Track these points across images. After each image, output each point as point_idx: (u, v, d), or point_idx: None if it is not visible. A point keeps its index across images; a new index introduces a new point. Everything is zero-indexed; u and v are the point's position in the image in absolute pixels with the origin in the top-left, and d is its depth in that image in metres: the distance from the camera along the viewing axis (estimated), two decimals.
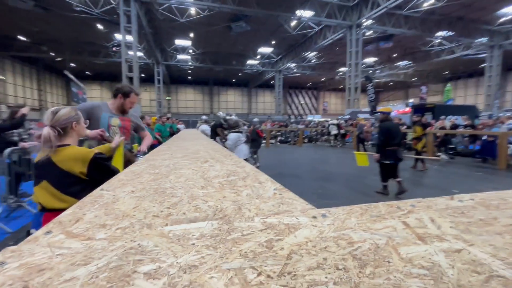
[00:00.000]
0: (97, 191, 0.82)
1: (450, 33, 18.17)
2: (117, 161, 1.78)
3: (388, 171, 4.45)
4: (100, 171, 1.43)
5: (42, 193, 1.37)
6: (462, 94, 31.73)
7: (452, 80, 32.66)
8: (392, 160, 4.36)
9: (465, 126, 9.26)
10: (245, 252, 0.43)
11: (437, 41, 20.38)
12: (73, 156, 1.38)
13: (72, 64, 26.63)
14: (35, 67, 26.14)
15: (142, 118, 6.07)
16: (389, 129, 4.42)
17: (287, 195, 0.77)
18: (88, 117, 2.10)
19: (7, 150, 3.36)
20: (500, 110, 19.37)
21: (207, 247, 0.45)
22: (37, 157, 1.41)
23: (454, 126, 9.68)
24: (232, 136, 5.05)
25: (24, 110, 3.35)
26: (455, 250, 0.44)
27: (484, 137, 8.01)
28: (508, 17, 16.56)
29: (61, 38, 19.47)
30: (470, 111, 13.78)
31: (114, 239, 0.49)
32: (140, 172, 1.10)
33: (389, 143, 4.33)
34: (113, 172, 1.47)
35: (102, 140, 2.02)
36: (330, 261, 0.41)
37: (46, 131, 1.33)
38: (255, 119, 7.41)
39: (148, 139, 2.46)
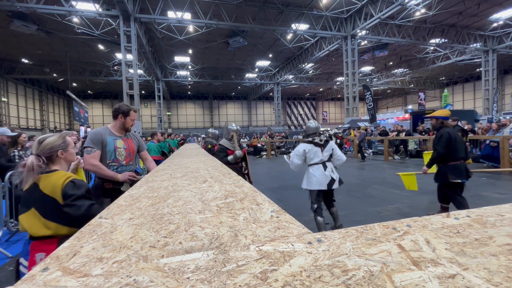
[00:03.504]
0: (95, 220, 0.83)
1: (444, 40, 18.53)
2: None
3: (458, 191, 3.46)
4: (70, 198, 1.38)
5: (28, 221, 1.35)
6: (460, 99, 31.94)
7: (449, 86, 32.98)
8: (465, 179, 3.42)
9: None
10: (240, 285, 0.43)
11: (431, 48, 20.74)
12: (56, 181, 1.38)
13: (74, 84, 27.19)
14: (37, 88, 26.68)
15: (155, 134, 6.11)
16: (454, 138, 3.39)
17: (284, 217, 0.77)
18: (103, 146, 2.16)
19: (8, 174, 3.38)
20: (499, 113, 19.42)
21: (201, 281, 0.45)
22: (25, 185, 1.39)
23: None
24: (300, 147, 3.34)
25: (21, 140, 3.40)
26: (449, 276, 0.44)
27: (487, 142, 7.95)
28: (500, 22, 16.92)
29: (63, 59, 19.98)
30: (469, 115, 13.82)
31: (111, 274, 0.49)
32: (139, 196, 1.11)
33: (452, 156, 3.41)
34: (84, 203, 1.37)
35: (133, 182, 2.09)
36: None
37: (30, 160, 1.33)
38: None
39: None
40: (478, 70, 25.37)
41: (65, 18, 13.75)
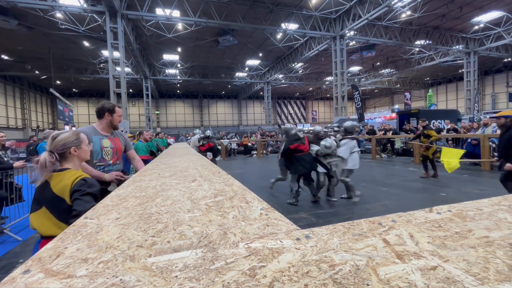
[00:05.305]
0: (80, 220, 0.81)
1: (428, 42, 19.08)
2: None
3: None
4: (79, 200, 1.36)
5: (39, 220, 1.32)
6: (443, 99, 32.96)
7: (433, 86, 33.98)
8: None
9: (448, 130, 9.57)
10: (228, 282, 0.43)
11: (417, 49, 21.30)
12: (66, 180, 1.34)
13: (58, 82, 26.27)
14: (18, 86, 25.59)
15: (141, 133, 5.97)
16: None
17: (273, 215, 0.77)
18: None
19: None
20: (480, 113, 20.20)
21: (189, 279, 0.45)
22: (38, 182, 1.38)
23: (438, 130, 10.00)
24: (345, 142, 4.82)
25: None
26: (430, 268, 0.46)
27: (469, 141, 8.28)
28: (481, 25, 17.56)
29: (46, 56, 19.24)
30: (452, 115, 14.29)
31: (96, 275, 0.48)
32: (126, 196, 1.09)
33: None
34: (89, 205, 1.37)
35: (121, 182, 2.03)
36: (311, 287, 0.42)
37: (43, 156, 1.31)
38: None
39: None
40: (460, 71, 26.27)
41: (48, 13, 13.24)
